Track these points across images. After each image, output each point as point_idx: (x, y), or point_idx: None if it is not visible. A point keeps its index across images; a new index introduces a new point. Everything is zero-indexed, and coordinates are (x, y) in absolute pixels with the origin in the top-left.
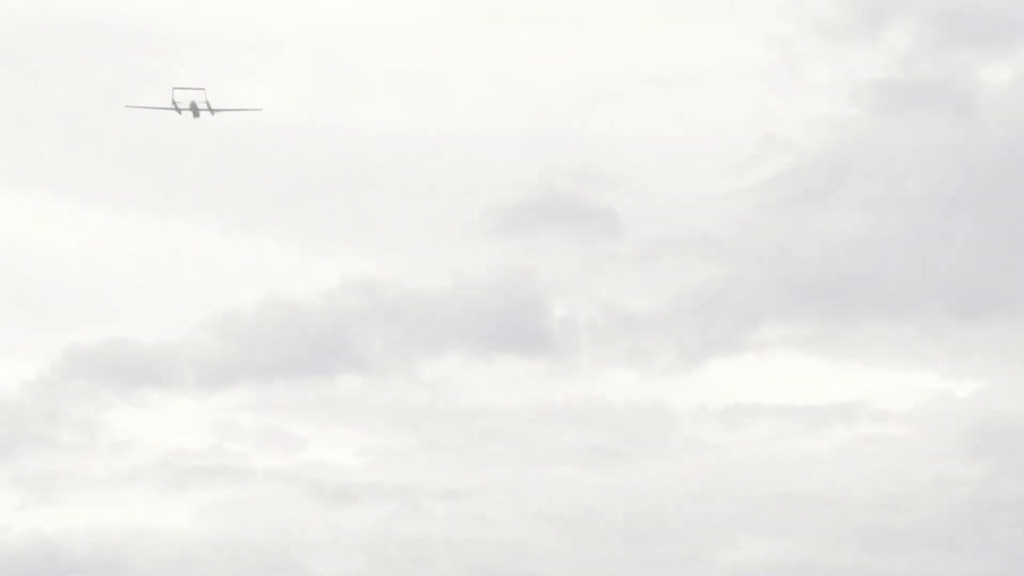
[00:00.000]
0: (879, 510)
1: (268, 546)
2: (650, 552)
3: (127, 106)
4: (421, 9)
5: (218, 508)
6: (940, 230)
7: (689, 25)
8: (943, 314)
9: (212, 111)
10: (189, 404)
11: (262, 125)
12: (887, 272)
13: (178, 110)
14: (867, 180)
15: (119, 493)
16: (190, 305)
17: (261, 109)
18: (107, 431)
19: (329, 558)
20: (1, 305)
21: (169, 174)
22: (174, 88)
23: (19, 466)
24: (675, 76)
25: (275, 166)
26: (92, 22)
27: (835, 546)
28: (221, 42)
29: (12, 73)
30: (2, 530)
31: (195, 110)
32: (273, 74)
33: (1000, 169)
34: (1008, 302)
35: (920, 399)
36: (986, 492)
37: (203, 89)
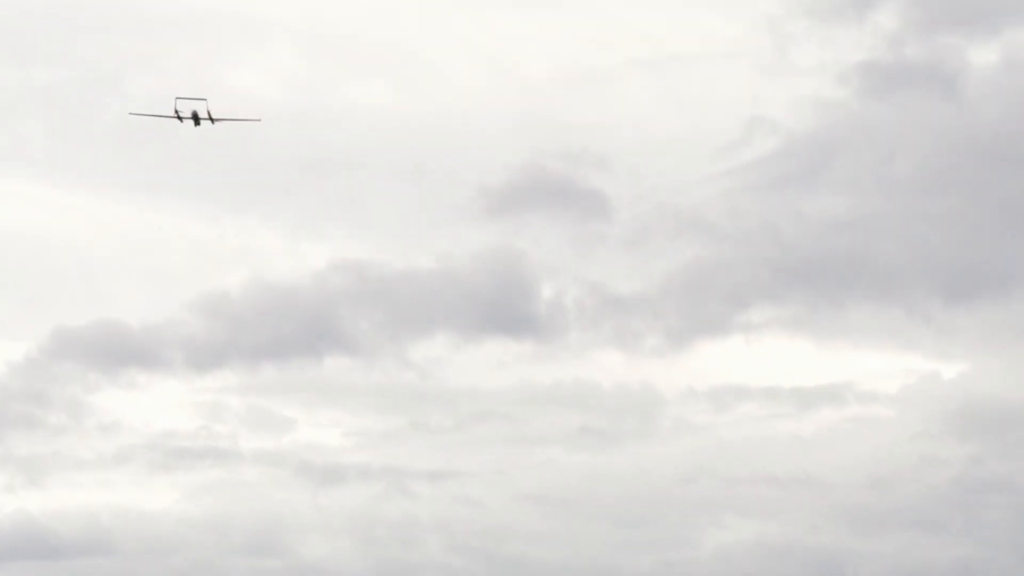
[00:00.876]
0: (865, 491)
1: (255, 527)
2: (637, 533)
3: (131, 113)
4: None
5: (206, 489)
6: (927, 212)
7: (677, 7)
8: (930, 296)
9: (212, 120)
10: (177, 385)
11: (251, 108)
12: (874, 254)
13: (180, 119)
14: (854, 162)
15: (106, 474)
16: (178, 287)
17: (259, 119)
18: (94, 412)
19: (316, 539)
20: None
21: (157, 156)
22: (176, 98)
23: (6, 447)
24: (663, 58)
25: (263, 149)
26: (80, 5)
27: (822, 527)
28: (210, 25)
29: None
30: None
31: (196, 119)
32: (262, 57)
33: (987, 151)
34: (995, 284)
35: (907, 380)
36: (972, 473)
37: (205, 100)
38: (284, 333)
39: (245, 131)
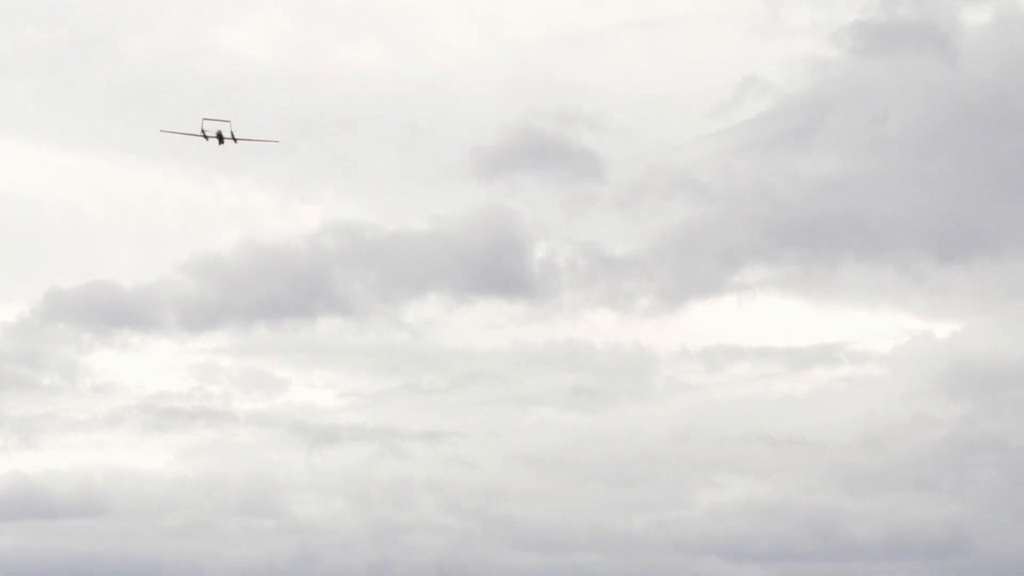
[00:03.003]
0: (858, 450)
1: (249, 487)
2: (630, 492)
3: (161, 131)
4: None
5: (199, 450)
6: (920, 171)
7: None
8: (923, 255)
9: (235, 140)
10: (170, 346)
11: (244, 70)
12: (867, 214)
13: (205, 137)
14: (847, 122)
15: (100, 435)
16: (171, 248)
17: (278, 141)
18: (88, 374)
19: (310, 499)
20: None
21: (150, 118)
22: (203, 119)
23: (1, 409)
24: (656, 18)
25: (257, 110)
26: None
27: (814, 486)
28: None
29: None
30: None
31: (220, 138)
32: (255, 19)
33: (980, 110)
34: (987, 243)
35: (899, 340)
36: (964, 432)
37: (228, 121)
38: (277, 294)
39: (239, 92)
